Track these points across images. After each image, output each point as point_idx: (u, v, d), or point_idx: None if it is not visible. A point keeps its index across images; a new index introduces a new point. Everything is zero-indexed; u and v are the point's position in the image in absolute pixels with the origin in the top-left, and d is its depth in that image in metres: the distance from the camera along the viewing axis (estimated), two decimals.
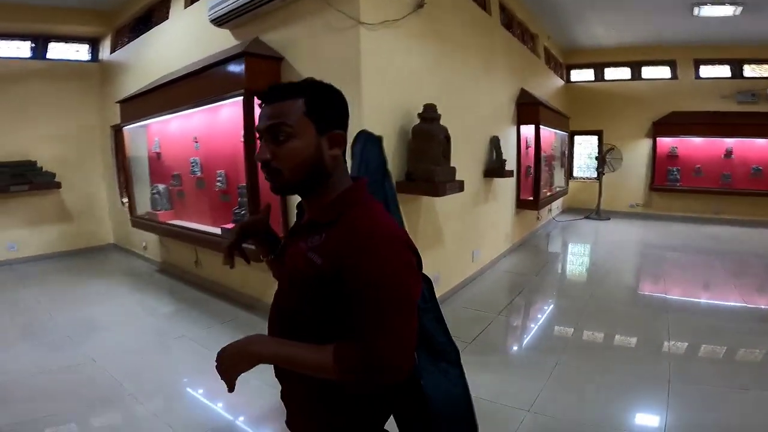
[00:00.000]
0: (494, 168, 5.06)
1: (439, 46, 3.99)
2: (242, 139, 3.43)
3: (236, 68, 3.36)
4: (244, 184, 3.60)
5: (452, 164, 3.54)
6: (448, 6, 4.10)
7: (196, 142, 4.29)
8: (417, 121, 3.48)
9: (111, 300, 4.50)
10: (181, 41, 4.70)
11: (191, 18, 4.56)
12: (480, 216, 5.05)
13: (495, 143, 5.13)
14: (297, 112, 0.90)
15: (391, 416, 1.08)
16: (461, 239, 4.59)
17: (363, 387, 0.89)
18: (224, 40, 4.01)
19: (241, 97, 3.28)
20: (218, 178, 4.03)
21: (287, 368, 0.90)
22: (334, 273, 0.85)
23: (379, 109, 3.17)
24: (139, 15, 5.78)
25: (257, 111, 3.31)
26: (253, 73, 3.29)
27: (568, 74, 9.67)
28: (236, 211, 3.76)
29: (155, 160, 5.05)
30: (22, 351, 3.29)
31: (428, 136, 3.27)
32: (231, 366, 0.87)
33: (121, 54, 6.13)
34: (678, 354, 3.11)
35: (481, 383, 2.69)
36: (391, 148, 3.32)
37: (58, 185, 6.00)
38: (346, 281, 0.84)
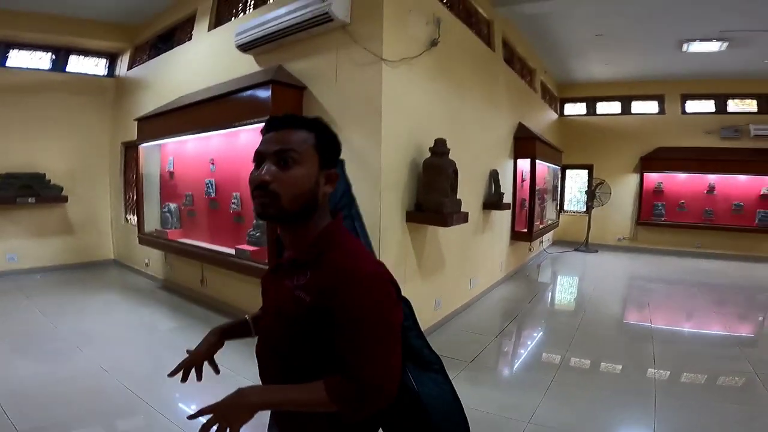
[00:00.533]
0: (493, 201, 5.32)
1: (448, 83, 4.28)
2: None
3: (262, 95, 3.58)
4: None
5: (457, 197, 3.79)
6: (457, 43, 4.41)
7: (213, 164, 4.48)
8: (427, 154, 3.74)
9: (115, 313, 4.62)
10: (204, 63, 4.92)
11: (215, 41, 4.80)
12: (478, 246, 5.29)
13: (494, 176, 5.41)
14: (307, 143, 0.95)
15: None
16: (460, 267, 4.81)
17: (359, 414, 0.91)
18: (248, 65, 4.25)
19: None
20: (233, 200, 4.21)
21: (281, 409, 0.94)
22: (322, 310, 0.90)
23: (396, 141, 3.42)
24: (160, 33, 6.03)
25: None
26: (278, 100, 3.53)
27: (562, 108, 10.10)
28: (251, 233, 3.94)
29: (167, 179, 5.22)
30: (32, 359, 3.38)
31: (438, 170, 3.53)
32: (232, 421, 0.87)
33: (138, 71, 6.35)
34: (662, 377, 3.33)
35: (483, 398, 2.93)
36: (403, 180, 3.56)
37: (65, 199, 6.11)
38: (335, 317, 0.88)
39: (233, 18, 4.79)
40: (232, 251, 4.05)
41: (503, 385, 3.34)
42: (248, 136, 4.06)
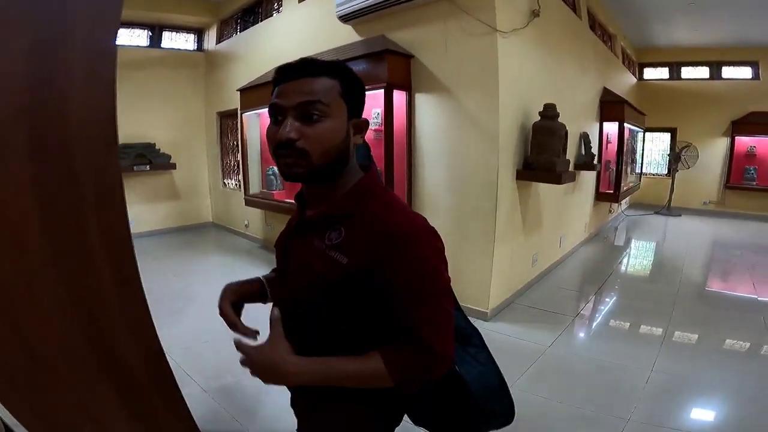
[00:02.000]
0: (584, 162, 5.44)
1: (547, 50, 4.40)
2: (381, 127, 3.96)
3: (377, 64, 3.85)
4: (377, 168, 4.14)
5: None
6: (551, 12, 4.46)
7: None
8: (533, 118, 3.94)
9: (235, 269, 5.19)
10: (297, 34, 5.24)
11: (307, 12, 5.10)
12: (567, 206, 5.45)
13: (585, 138, 5.50)
14: (333, 92, 0.86)
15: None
16: (552, 225, 5.00)
17: (418, 384, 0.87)
18: (346, 35, 4.51)
19: (383, 90, 3.79)
20: None
21: (326, 383, 0.85)
22: (364, 272, 0.83)
23: (509, 107, 3.63)
24: (245, 7, 6.40)
25: (396, 101, 3.86)
26: (393, 68, 3.80)
27: (641, 72, 9.82)
28: None
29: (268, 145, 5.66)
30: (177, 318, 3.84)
31: (550, 132, 3.73)
32: (265, 378, 0.84)
33: (228, 44, 6.80)
34: None
35: (600, 350, 3.20)
36: (514, 141, 3.78)
37: (174, 166, 6.75)
38: (385, 280, 0.82)
39: None
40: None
41: (615, 338, 3.56)
42: None
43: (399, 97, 3.93)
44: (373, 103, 4.05)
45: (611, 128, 6.67)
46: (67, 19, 1.20)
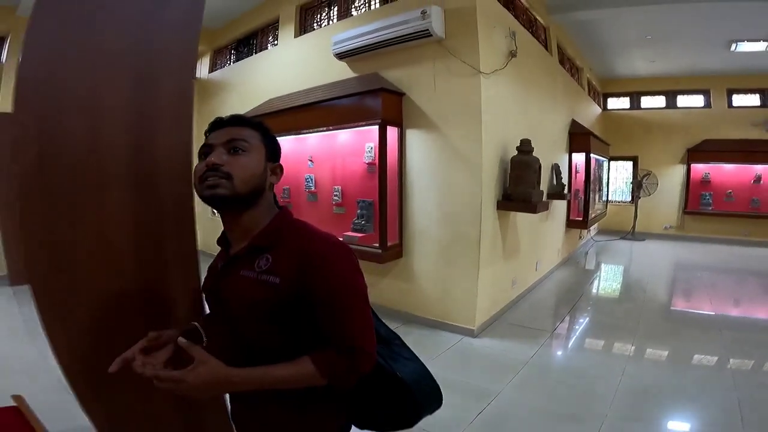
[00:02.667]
0: (556, 192, 5.92)
1: (522, 87, 4.90)
2: (373, 161, 4.32)
3: (372, 100, 4.22)
4: (365, 199, 4.49)
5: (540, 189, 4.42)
6: (525, 51, 4.96)
7: (311, 161, 5.19)
8: (510, 152, 4.38)
9: None
10: (293, 67, 5.57)
11: (303, 47, 5.47)
12: (541, 233, 5.90)
13: (556, 169, 6.00)
14: (255, 137, 1.06)
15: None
16: (529, 251, 5.42)
17: (350, 383, 0.99)
18: (341, 71, 4.87)
19: (377, 126, 4.17)
20: (335, 193, 4.91)
21: (259, 386, 0.94)
22: (295, 289, 0.96)
23: (490, 142, 4.05)
24: (240, 38, 6.75)
25: (390, 136, 4.24)
26: (386, 106, 4.18)
27: (605, 102, 10.58)
28: (356, 221, 4.61)
29: None
30: None
31: (526, 165, 4.16)
32: (203, 393, 0.91)
33: (221, 73, 7.13)
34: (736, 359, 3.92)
35: (576, 359, 3.64)
36: (495, 174, 4.20)
37: None
38: (313, 292, 0.95)
39: (318, 27, 5.47)
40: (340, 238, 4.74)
41: (588, 349, 3.98)
42: (345, 136, 4.73)
43: (391, 132, 4.30)
44: (366, 137, 4.44)
45: (579, 158, 7.23)
46: (162, 58, 1.50)
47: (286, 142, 5.56)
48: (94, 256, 1.35)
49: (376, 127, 4.20)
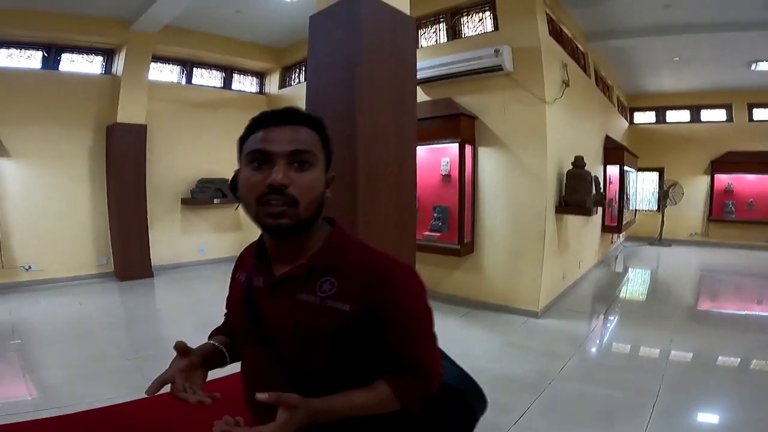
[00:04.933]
0: (596, 200, 6.89)
1: (572, 111, 5.92)
2: (449, 173, 5.38)
3: (451, 123, 5.23)
4: (440, 205, 5.52)
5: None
6: (573, 78, 5.97)
7: None
8: (566, 166, 5.41)
9: None
10: None
11: None
12: (583, 235, 6.89)
13: (596, 181, 6.98)
14: (317, 144, 0.93)
15: None
16: (574, 250, 6.42)
17: (421, 404, 0.97)
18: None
19: (457, 144, 5.21)
20: None
21: (342, 415, 0.89)
22: (364, 314, 0.90)
23: (553, 158, 5.09)
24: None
25: (467, 153, 5.26)
26: (464, 128, 5.22)
27: (632, 116, 11.54)
28: (433, 222, 5.62)
29: None
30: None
31: (581, 178, 5.20)
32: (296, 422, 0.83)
33: (292, 90, 8.19)
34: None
35: (624, 333, 4.67)
36: (554, 185, 5.23)
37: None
38: (385, 315, 0.90)
39: None
40: (419, 238, 5.75)
41: (636, 325, 5.01)
42: (423, 152, 5.72)
43: (466, 149, 5.33)
44: (442, 153, 5.48)
45: (612, 170, 8.22)
46: (406, 90, 2.56)
47: None
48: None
49: (455, 144, 5.24)
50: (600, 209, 7.62)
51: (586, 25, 6.82)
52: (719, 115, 10.61)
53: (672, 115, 11.18)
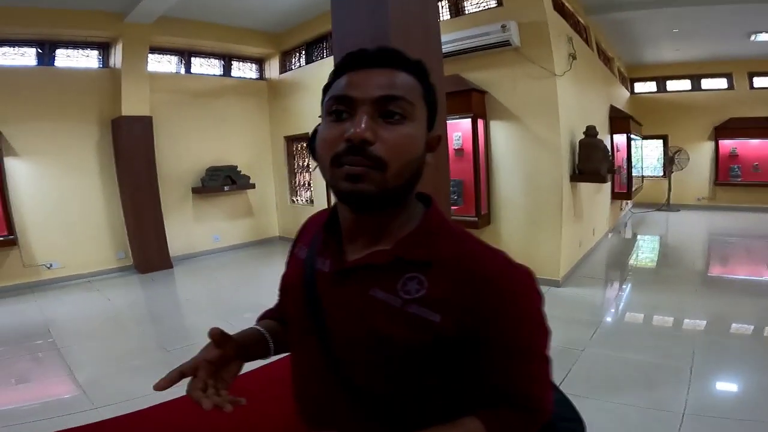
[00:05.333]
0: (609, 168, 6.97)
1: (579, 83, 5.96)
2: (461, 147, 5.42)
3: (463, 99, 5.26)
4: (454, 179, 5.57)
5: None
6: (578, 51, 5.99)
7: None
8: (578, 136, 5.47)
9: None
10: None
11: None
12: (595, 203, 6.99)
13: (605, 150, 7.06)
14: (417, 92, 0.74)
15: None
16: (588, 218, 6.50)
17: None
18: None
19: (470, 119, 5.26)
20: None
21: None
22: (460, 329, 0.68)
23: (564, 128, 5.15)
24: (309, 41, 7.78)
25: (480, 127, 5.31)
26: (475, 102, 5.27)
27: (632, 86, 11.61)
28: (451, 196, 5.71)
29: None
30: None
31: (594, 146, 5.28)
32: None
33: (293, 75, 8.19)
34: None
35: (644, 294, 4.85)
36: (567, 154, 5.29)
37: (254, 186, 8.04)
38: (489, 335, 0.69)
39: None
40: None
41: (654, 286, 5.23)
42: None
43: (479, 124, 5.39)
44: (455, 128, 5.52)
45: (618, 139, 8.29)
46: (433, 62, 2.62)
47: None
48: None
49: (467, 119, 5.28)
50: (610, 176, 7.75)
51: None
52: (720, 83, 10.68)
53: (672, 85, 11.25)
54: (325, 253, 0.82)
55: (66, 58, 6.60)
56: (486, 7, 5.48)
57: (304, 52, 8.08)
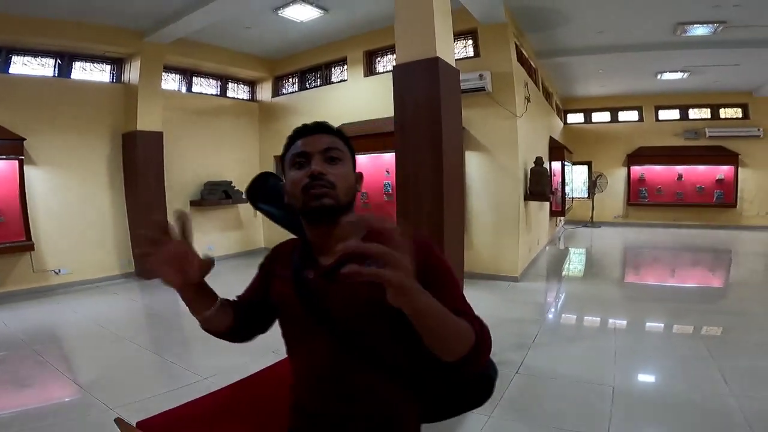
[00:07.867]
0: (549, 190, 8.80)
1: (531, 119, 7.69)
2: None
3: None
4: None
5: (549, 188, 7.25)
6: (532, 94, 7.75)
7: (388, 172, 7.66)
8: (530, 164, 7.17)
9: None
10: (363, 101, 8.01)
11: (371, 86, 7.94)
12: (538, 218, 8.75)
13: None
14: (343, 146, 1.18)
15: None
16: (534, 230, 8.23)
17: (486, 356, 0.98)
18: None
19: None
20: None
21: (433, 324, 0.85)
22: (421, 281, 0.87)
23: (521, 160, 6.82)
24: (304, 69, 9.01)
25: None
26: None
27: (566, 117, 13.77)
28: None
29: None
30: None
31: (540, 173, 7.02)
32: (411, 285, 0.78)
33: (287, 99, 9.38)
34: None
35: (578, 287, 6.45)
36: (521, 179, 6.94)
37: (246, 200, 8.92)
38: (430, 282, 0.88)
39: (383, 70, 7.95)
40: None
41: (586, 282, 6.94)
42: None
43: None
44: None
45: (555, 165, 10.22)
46: (457, 112, 4.13)
47: (366, 159, 8.02)
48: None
49: None
50: (551, 197, 9.61)
51: (538, 46, 8.69)
52: (632, 115, 13.06)
53: (596, 116, 13.55)
54: (306, 267, 1.17)
55: (81, 71, 7.12)
56: (465, 56, 7.06)
57: (297, 79, 9.27)
